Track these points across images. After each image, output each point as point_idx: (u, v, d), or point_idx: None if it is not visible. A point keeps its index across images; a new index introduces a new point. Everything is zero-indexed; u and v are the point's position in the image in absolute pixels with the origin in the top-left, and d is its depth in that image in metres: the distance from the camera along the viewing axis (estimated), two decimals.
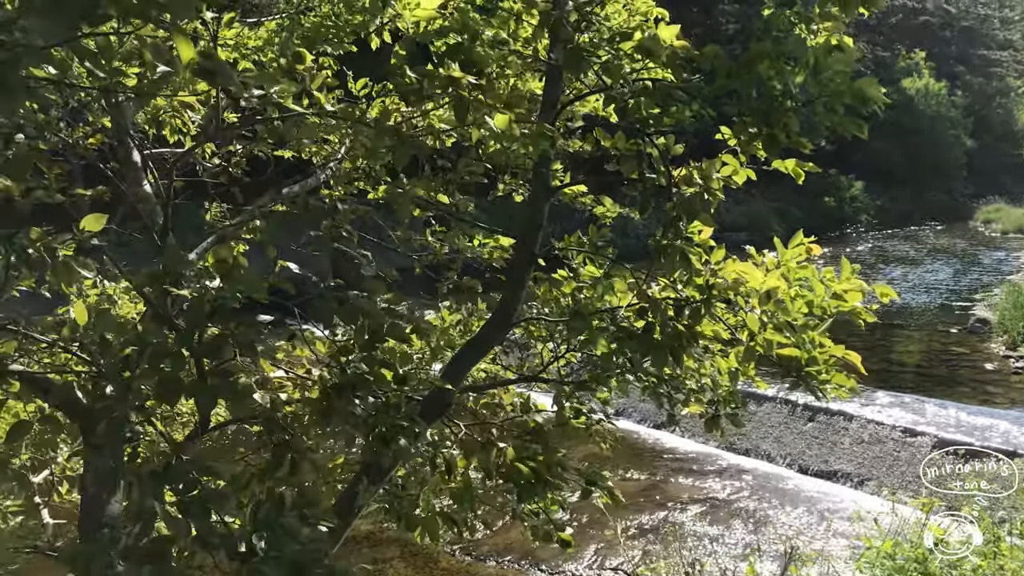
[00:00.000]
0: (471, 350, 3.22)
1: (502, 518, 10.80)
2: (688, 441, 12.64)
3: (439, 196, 3.41)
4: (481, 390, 3.62)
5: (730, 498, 11.02)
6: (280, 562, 2.31)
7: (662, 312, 2.78)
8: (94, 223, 2.52)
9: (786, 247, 3.28)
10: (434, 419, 3.03)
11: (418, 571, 9.77)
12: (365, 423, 2.65)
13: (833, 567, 6.09)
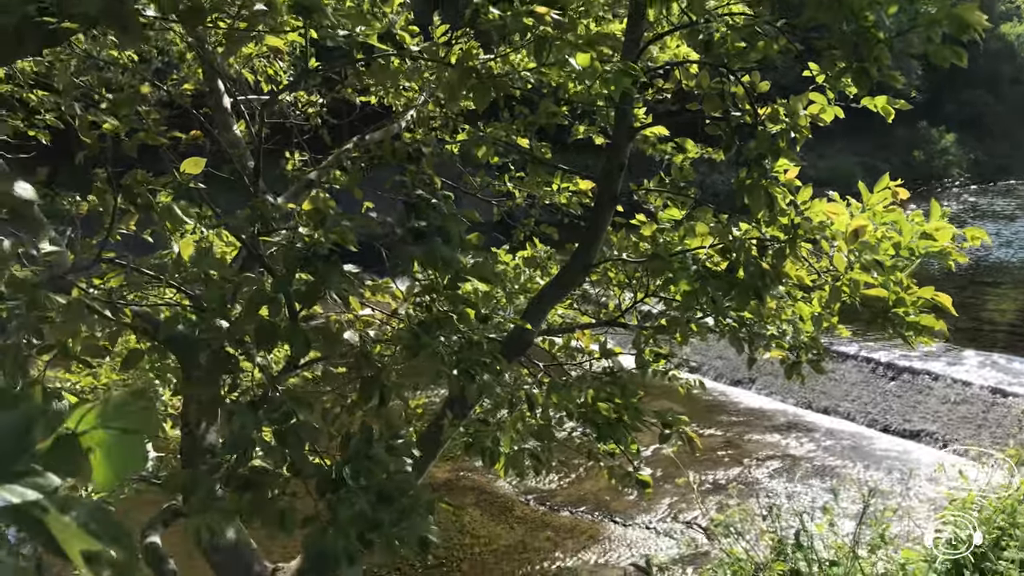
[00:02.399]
0: (551, 291, 3.26)
1: (576, 470, 10.93)
2: (765, 398, 12.48)
3: (519, 140, 3.43)
4: (559, 333, 3.66)
5: (807, 456, 10.87)
6: (368, 491, 2.41)
7: (745, 251, 2.75)
8: (193, 166, 2.63)
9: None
10: (514, 358, 3.09)
11: (493, 518, 10.00)
12: (450, 359, 2.72)
13: (914, 523, 5.98)
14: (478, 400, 2.93)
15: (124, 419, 0.78)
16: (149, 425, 0.80)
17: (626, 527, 9.60)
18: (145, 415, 0.79)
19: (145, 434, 0.82)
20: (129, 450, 0.76)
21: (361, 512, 2.32)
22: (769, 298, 2.76)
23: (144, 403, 0.80)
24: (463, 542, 9.57)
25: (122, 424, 0.78)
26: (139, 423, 0.79)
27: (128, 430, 0.79)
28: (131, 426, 0.78)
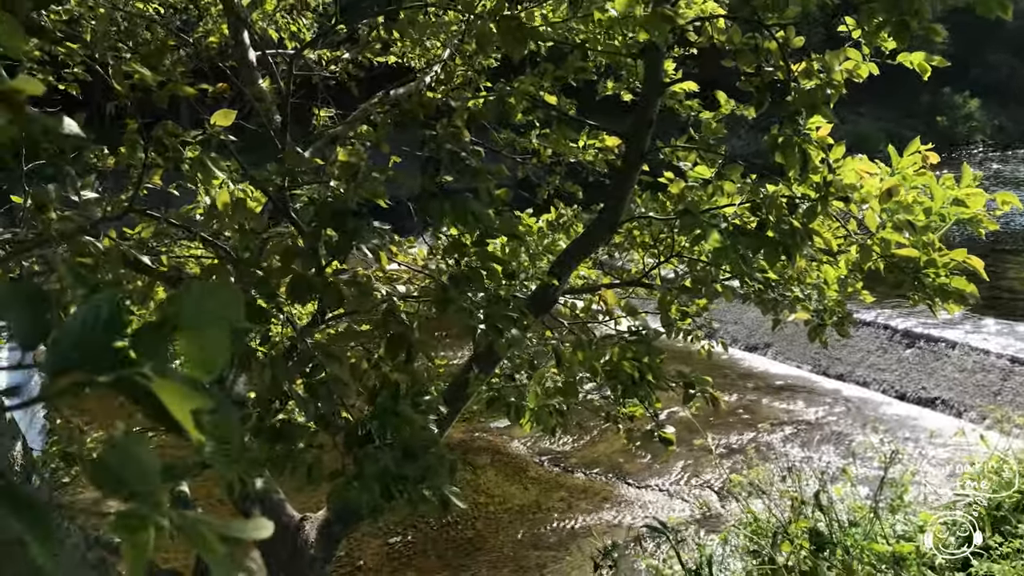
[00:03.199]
0: (577, 249, 3.25)
1: (590, 433, 11.01)
2: (780, 364, 12.48)
3: (546, 96, 3.39)
4: (582, 293, 3.66)
5: (821, 422, 10.89)
6: (393, 447, 2.44)
7: (776, 208, 2.73)
8: (223, 118, 2.63)
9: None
10: (540, 314, 3.10)
11: (508, 478, 10.11)
12: (478, 314, 2.73)
13: (931, 488, 6.00)
14: (505, 355, 2.94)
15: (210, 308, 0.78)
16: (236, 314, 0.80)
17: (640, 489, 9.69)
18: (231, 304, 0.79)
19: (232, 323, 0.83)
20: (214, 340, 0.76)
21: (386, 468, 2.34)
22: (799, 256, 2.75)
23: (230, 292, 0.80)
24: (478, 500, 9.69)
25: (208, 313, 0.78)
26: (225, 312, 0.79)
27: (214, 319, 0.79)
28: (217, 315, 0.78)
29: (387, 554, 8.73)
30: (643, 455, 10.42)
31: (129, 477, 0.66)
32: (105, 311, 0.70)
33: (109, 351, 0.66)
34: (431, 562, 8.59)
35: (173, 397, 0.64)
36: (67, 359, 0.67)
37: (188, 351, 0.68)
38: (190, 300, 0.76)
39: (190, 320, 0.68)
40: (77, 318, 0.68)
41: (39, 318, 0.73)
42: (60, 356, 0.67)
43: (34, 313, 0.73)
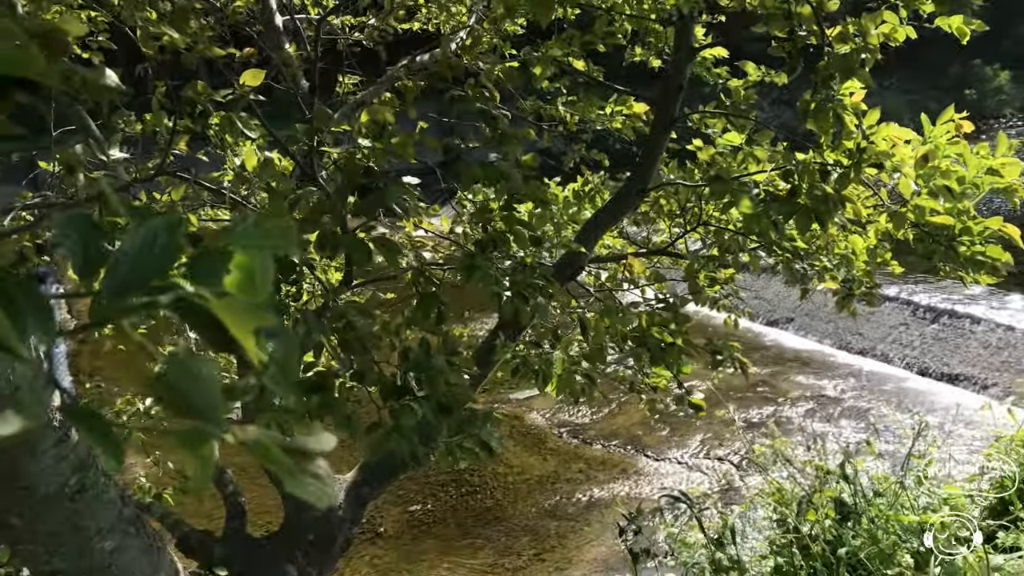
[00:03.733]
0: (604, 216, 3.23)
1: (608, 406, 11.03)
2: (800, 339, 12.41)
3: (574, 61, 3.36)
4: (608, 261, 3.65)
5: (842, 397, 10.85)
6: (429, 400, 2.45)
7: (809, 174, 2.70)
8: (252, 78, 2.62)
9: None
10: (567, 282, 3.09)
11: (527, 449, 10.17)
12: (503, 281, 2.73)
13: (955, 462, 5.96)
14: (531, 322, 2.94)
15: (263, 236, 0.78)
16: (289, 243, 0.80)
17: (658, 461, 9.72)
18: (283, 233, 0.79)
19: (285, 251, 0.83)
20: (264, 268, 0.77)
21: (423, 420, 2.36)
22: (831, 223, 2.72)
23: (282, 222, 0.80)
24: (497, 471, 9.76)
25: (261, 241, 0.78)
26: (276, 240, 0.78)
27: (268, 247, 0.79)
28: (270, 243, 0.78)
29: (407, 522, 8.83)
30: (662, 428, 10.44)
31: (192, 393, 0.66)
32: (163, 236, 0.70)
33: (167, 275, 0.66)
34: (450, 530, 8.69)
35: (234, 316, 0.64)
36: (126, 282, 0.67)
37: (238, 278, 0.68)
38: (244, 227, 0.76)
39: (243, 246, 0.68)
40: (135, 243, 0.68)
41: (94, 246, 0.73)
42: (119, 279, 0.68)
43: (89, 242, 0.73)
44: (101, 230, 0.75)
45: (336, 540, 3.14)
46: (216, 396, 0.65)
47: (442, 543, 8.54)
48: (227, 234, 0.74)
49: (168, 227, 0.69)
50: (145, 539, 2.11)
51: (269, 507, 7.32)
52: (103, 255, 0.74)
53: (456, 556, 8.30)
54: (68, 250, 0.71)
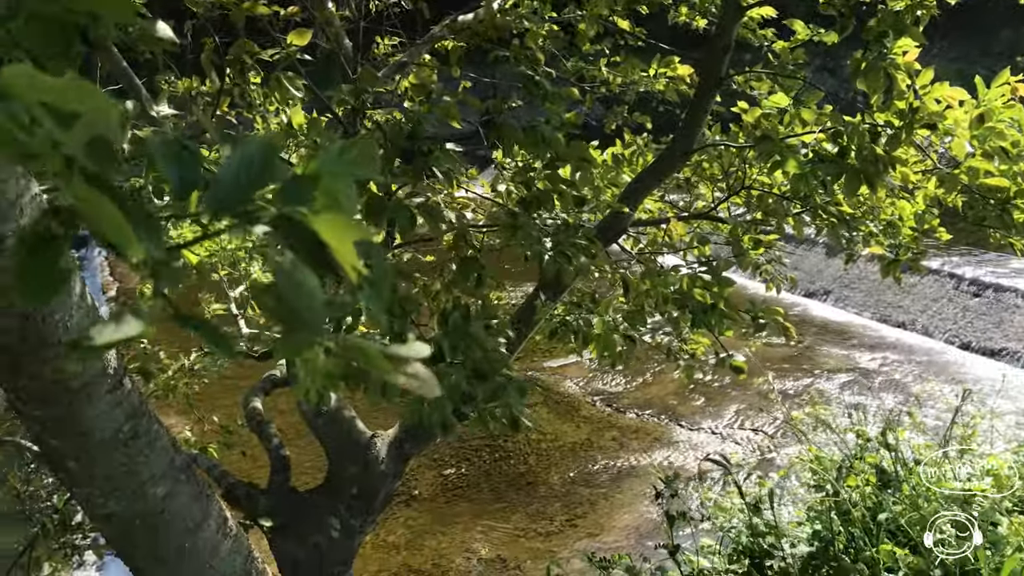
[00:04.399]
0: (648, 176, 3.20)
1: (643, 375, 11.03)
2: (838, 311, 12.25)
3: (619, 21, 3.31)
4: (649, 225, 3.62)
5: (881, 370, 10.71)
6: (464, 367, 2.47)
7: (859, 135, 2.64)
8: (299, 38, 2.62)
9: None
10: (609, 243, 3.08)
11: (560, 416, 10.22)
12: (548, 240, 2.72)
13: (998, 434, 5.88)
14: (572, 283, 2.94)
15: (349, 162, 0.79)
16: (372, 168, 0.81)
17: (692, 431, 9.71)
18: (367, 159, 0.80)
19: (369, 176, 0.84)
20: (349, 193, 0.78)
21: (457, 385, 2.37)
22: (880, 186, 2.66)
23: (367, 147, 0.81)
24: (530, 437, 9.83)
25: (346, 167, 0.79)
26: (361, 164, 0.80)
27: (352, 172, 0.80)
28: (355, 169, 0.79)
29: (441, 485, 8.95)
30: (696, 398, 10.41)
31: (299, 303, 0.67)
32: (259, 157, 0.71)
33: (263, 195, 0.68)
34: (483, 494, 8.79)
35: (334, 231, 0.65)
36: (224, 201, 0.69)
37: (324, 203, 0.69)
38: (331, 153, 0.77)
39: (330, 172, 0.69)
40: (233, 164, 0.70)
41: (190, 169, 0.75)
42: (218, 198, 0.69)
43: (185, 164, 0.75)
44: (195, 155, 0.77)
45: (379, 494, 3.20)
46: (320, 307, 0.66)
47: (475, 506, 8.64)
48: (314, 160, 0.75)
49: (264, 149, 0.71)
50: (195, 486, 2.17)
51: (306, 468, 7.46)
52: (197, 177, 0.76)
53: (489, 519, 8.40)
54: (165, 173, 0.73)
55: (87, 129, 0.60)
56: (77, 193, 0.59)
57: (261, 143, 0.68)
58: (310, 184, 0.67)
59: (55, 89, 0.58)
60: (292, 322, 0.66)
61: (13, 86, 0.57)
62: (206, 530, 2.19)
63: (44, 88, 0.58)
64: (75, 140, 0.60)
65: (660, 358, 11.23)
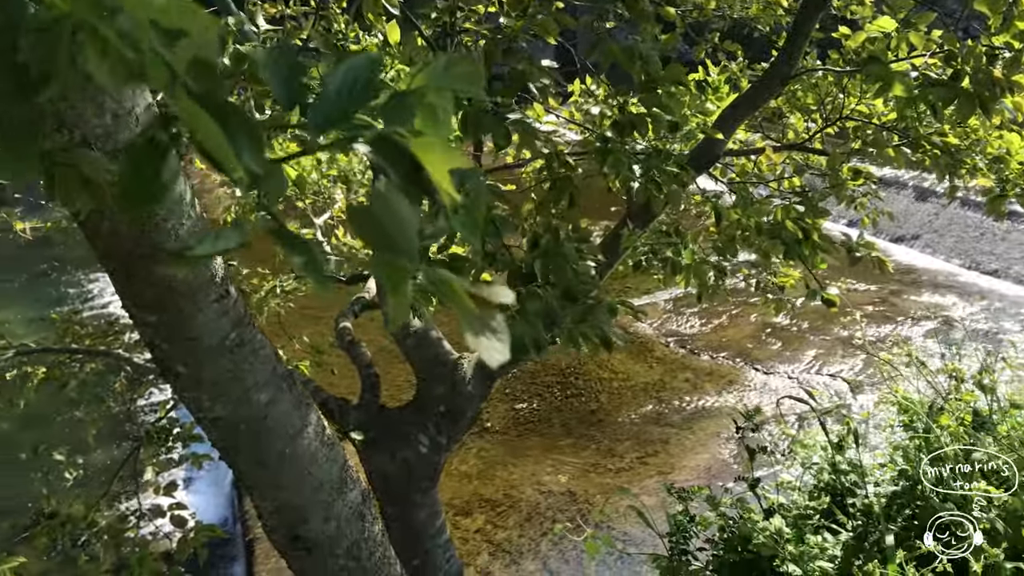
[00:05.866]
0: (745, 102, 3.10)
1: (718, 317, 10.89)
2: (926, 257, 11.80)
3: None
4: (742, 155, 3.53)
5: (968, 318, 10.32)
6: (555, 288, 2.47)
7: (974, 58, 2.50)
8: None
9: None
10: (702, 171, 3.02)
11: (632, 357, 10.21)
12: (639, 166, 2.68)
13: None
14: (662, 211, 2.90)
15: (453, 79, 0.79)
16: (476, 85, 0.81)
17: (767, 375, 9.59)
18: (471, 75, 0.80)
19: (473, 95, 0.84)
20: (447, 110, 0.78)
21: (548, 306, 2.38)
22: (995, 111, 2.52)
23: (473, 65, 0.81)
24: (602, 376, 9.88)
25: (451, 84, 0.79)
26: (468, 83, 0.79)
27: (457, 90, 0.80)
28: (460, 87, 0.79)
29: (513, 419, 9.09)
30: (773, 342, 10.25)
31: (392, 227, 0.68)
32: (363, 75, 0.71)
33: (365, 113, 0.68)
34: (554, 429, 8.91)
35: (432, 155, 0.65)
36: (328, 117, 0.69)
37: (423, 119, 0.69)
38: (436, 69, 0.76)
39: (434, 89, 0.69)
40: (337, 79, 0.70)
41: (295, 81, 0.75)
42: (322, 114, 0.70)
43: (292, 76, 0.75)
44: (300, 67, 0.77)
45: (465, 413, 3.28)
46: (413, 233, 0.67)
47: (546, 440, 8.77)
48: (420, 74, 0.74)
49: (369, 65, 0.71)
50: (296, 395, 2.25)
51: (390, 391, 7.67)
52: (304, 89, 0.76)
53: (559, 454, 8.51)
54: (272, 84, 0.74)
55: (190, 48, 0.61)
56: (181, 107, 0.60)
57: (366, 59, 0.68)
58: (412, 102, 0.66)
59: (162, 7, 0.59)
60: (385, 246, 0.66)
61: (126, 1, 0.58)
62: (305, 437, 2.28)
63: (152, 5, 0.58)
64: (179, 59, 0.60)
65: (737, 300, 11.07)
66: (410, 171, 0.68)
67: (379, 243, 0.73)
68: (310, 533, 2.34)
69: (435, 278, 0.73)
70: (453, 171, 0.67)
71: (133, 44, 0.59)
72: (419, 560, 3.33)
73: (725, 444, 8.43)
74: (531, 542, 7.18)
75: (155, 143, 0.65)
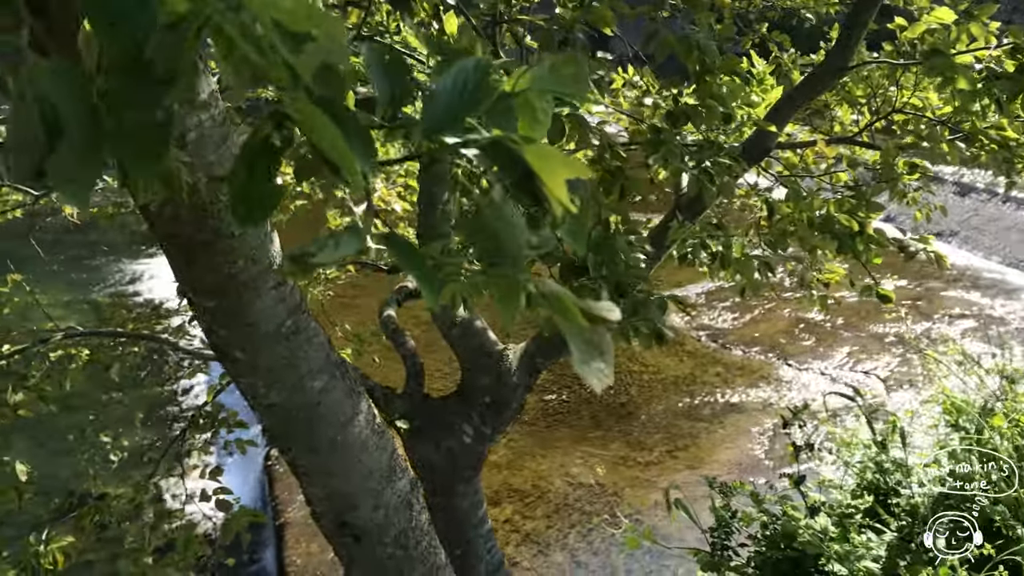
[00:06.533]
0: (798, 93, 3.05)
1: (751, 312, 10.80)
2: (965, 253, 11.60)
3: None
4: (792, 147, 3.47)
5: (1008, 317, 10.14)
6: (607, 281, 2.45)
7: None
8: None
9: None
10: (754, 163, 2.97)
11: (664, 350, 10.14)
12: (691, 157, 2.65)
13: None
14: (713, 202, 2.86)
15: (559, 83, 0.77)
16: (582, 87, 0.79)
17: (800, 371, 9.49)
18: (577, 77, 0.78)
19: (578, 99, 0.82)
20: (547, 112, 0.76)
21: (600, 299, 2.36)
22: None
23: (575, 66, 0.79)
24: (632, 368, 9.84)
25: (557, 88, 0.77)
26: (572, 84, 0.78)
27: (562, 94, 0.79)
28: (564, 88, 0.78)
29: (542, 410, 9.09)
30: (806, 337, 10.15)
31: (504, 236, 0.66)
32: (472, 78, 0.70)
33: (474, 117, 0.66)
34: (583, 421, 8.89)
35: (548, 163, 0.63)
36: (440, 121, 0.68)
37: (525, 123, 0.68)
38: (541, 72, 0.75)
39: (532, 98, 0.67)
40: (447, 83, 0.68)
41: (399, 81, 0.74)
42: (434, 117, 0.68)
43: (395, 76, 0.74)
44: (405, 67, 0.75)
45: (510, 404, 3.27)
46: (523, 242, 0.65)
47: (575, 432, 8.76)
48: (524, 76, 0.73)
49: (477, 68, 0.69)
50: (348, 383, 2.26)
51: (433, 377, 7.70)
52: (407, 91, 0.75)
53: (588, 446, 8.50)
54: (375, 82, 0.72)
55: (318, 54, 0.59)
56: (299, 108, 0.58)
57: (476, 63, 0.66)
58: (516, 106, 0.65)
59: (289, 9, 0.57)
60: (496, 255, 0.65)
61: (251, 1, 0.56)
62: (356, 425, 2.28)
63: (279, 7, 0.56)
64: (306, 64, 0.58)
65: (770, 295, 10.94)
66: (521, 178, 0.66)
67: (490, 252, 0.71)
68: (359, 520, 2.35)
69: (547, 291, 0.71)
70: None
71: (258, 45, 0.57)
72: (461, 549, 3.34)
73: (756, 440, 8.37)
74: (559, 533, 7.18)
75: (269, 145, 0.64)
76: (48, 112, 0.45)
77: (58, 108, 0.46)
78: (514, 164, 0.67)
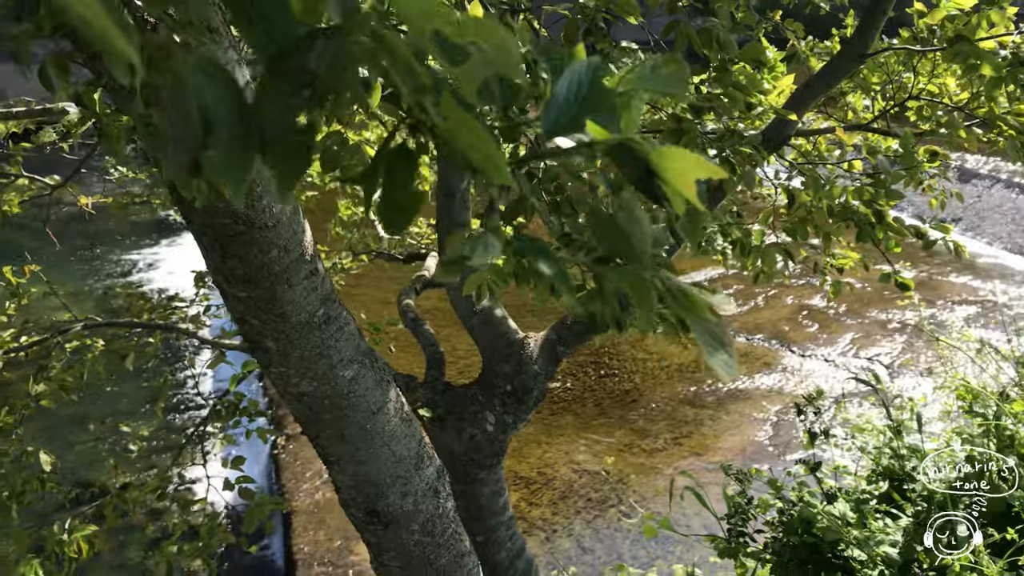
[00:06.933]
0: (817, 81, 3.05)
1: (755, 299, 10.82)
2: (968, 240, 11.63)
3: None
4: (810, 134, 3.48)
5: (1010, 303, 10.18)
6: (625, 274, 2.46)
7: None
8: None
9: None
10: (773, 151, 2.98)
11: (667, 337, 10.16)
12: (712, 146, 2.65)
13: None
14: (733, 191, 2.87)
15: (662, 83, 0.78)
16: (684, 87, 0.80)
17: (803, 358, 9.53)
18: (678, 77, 0.79)
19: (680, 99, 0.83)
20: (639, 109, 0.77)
21: None
22: None
23: (678, 66, 0.80)
24: (636, 356, 9.87)
25: (659, 87, 0.78)
26: (675, 84, 0.79)
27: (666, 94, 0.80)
28: (667, 88, 0.79)
29: (548, 398, 9.12)
30: (809, 324, 10.18)
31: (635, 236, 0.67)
32: (586, 78, 0.70)
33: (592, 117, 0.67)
34: (588, 408, 8.92)
35: (675, 166, 0.64)
36: (558, 122, 0.69)
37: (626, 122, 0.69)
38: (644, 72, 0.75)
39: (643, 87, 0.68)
40: (563, 84, 0.69)
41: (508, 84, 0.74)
42: (552, 120, 0.69)
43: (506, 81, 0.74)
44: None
45: (531, 392, 3.29)
46: (650, 241, 0.66)
47: (580, 420, 8.79)
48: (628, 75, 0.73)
49: (590, 70, 0.69)
50: (377, 372, 2.27)
51: None
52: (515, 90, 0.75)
53: (593, 433, 8.53)
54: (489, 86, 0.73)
55: (486, 67, 0.58)
56: (446, 114, 0.56)
57: (588, 64, 0.66)
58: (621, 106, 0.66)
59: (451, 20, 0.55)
60: (625, 254, 0.66)
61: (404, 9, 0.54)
62: (385, 414, 2.30)
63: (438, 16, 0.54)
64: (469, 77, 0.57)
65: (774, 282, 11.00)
66: (642, 177, 0.67)
67: (622, 252, 0.72)
68: (387, 508, 2.37)
69: (674, 288, 0.73)
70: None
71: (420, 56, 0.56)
72: (483, 537, 3.36)
73: (760, 426, 8.41)
74: (565, 520, 7.22)
75: (406, 151, 0.64)
76: (201, 109, 0.46)
77: (208, 107, 0.46)
78: (637, 164, 0.68)
